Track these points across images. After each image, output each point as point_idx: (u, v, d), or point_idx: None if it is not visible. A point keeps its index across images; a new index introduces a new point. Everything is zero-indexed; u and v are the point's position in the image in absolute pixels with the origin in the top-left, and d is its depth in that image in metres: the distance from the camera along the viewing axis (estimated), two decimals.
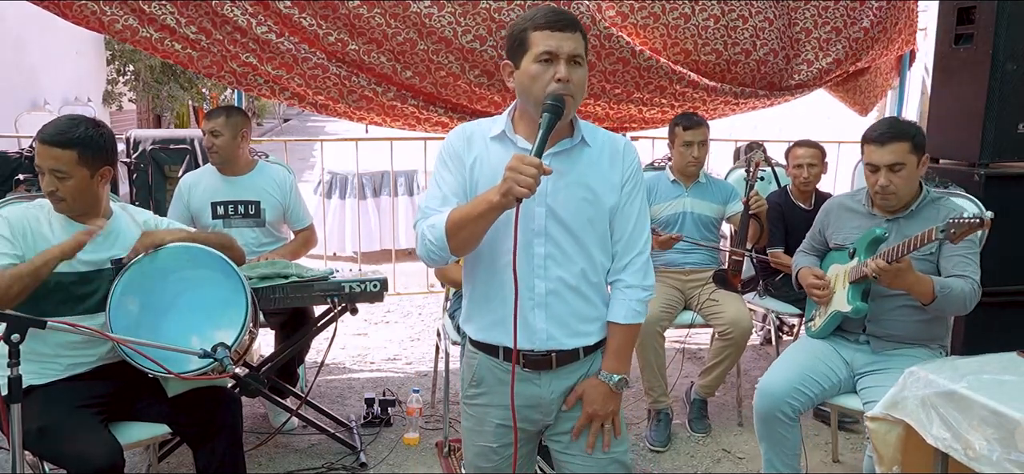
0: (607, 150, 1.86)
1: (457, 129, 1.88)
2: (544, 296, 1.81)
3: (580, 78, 1.76)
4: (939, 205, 2.64)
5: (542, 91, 1.72)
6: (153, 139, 4.47)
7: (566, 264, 1.82)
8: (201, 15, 3.66)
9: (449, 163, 1.85)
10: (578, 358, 1.88)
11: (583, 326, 1.86)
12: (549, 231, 1.80)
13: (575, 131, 1.84)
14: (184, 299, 2.38)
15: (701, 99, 4.30)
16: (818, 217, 2.95)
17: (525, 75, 1.76)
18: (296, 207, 3.60)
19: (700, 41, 4.10)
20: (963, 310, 2.52)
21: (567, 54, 1.73)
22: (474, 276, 1.89)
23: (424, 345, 4.73)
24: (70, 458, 2.14)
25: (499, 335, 1.85)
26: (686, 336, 4.07)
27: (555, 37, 1.73)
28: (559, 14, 1.76)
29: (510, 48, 1.80)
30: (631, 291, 1.88)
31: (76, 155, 2.26)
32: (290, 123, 24.27)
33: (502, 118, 1.87)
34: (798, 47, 4.27)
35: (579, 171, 1.82)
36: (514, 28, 1.80)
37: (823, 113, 6.53)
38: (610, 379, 1.88)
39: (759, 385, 2.67)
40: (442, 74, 3.95)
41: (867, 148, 2.62)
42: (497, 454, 1.94)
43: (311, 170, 9.47)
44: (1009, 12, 3.32)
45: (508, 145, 1.83)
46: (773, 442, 2.63)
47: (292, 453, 3.29)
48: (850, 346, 2.72)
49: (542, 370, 1.86)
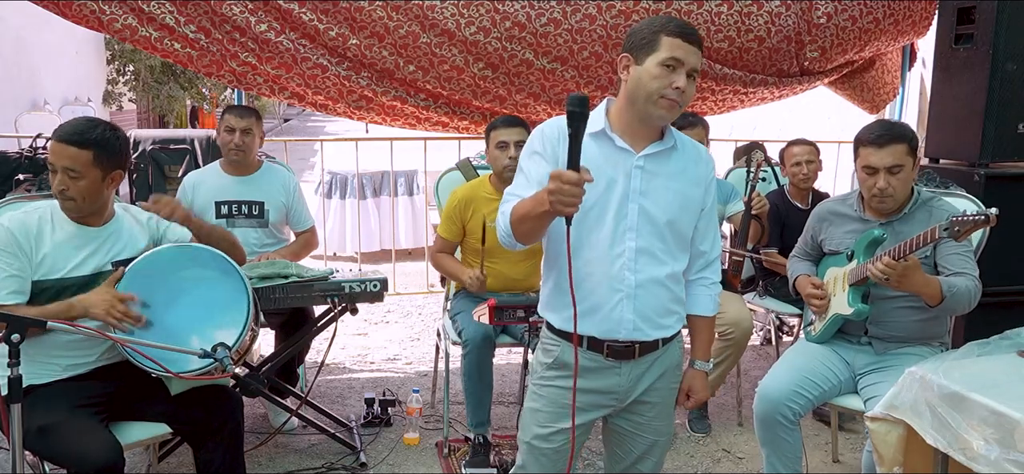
0: (693, 154, 1.99)
1: (552, 121, 1.92)
2: (633, 289, 1.89)
3: (691, 93, 1.86)
4: (932, 206, 2.62)
5: (657, 91, 1.81)
6: (153, 139, 4.47)
7: (655, 260, 1.91)
8: (200, 14, 3.66)
9: (543, 152, 1.88)
10: (656, 348, 1.98)
11: (665, 319, 1.96)
12: (640, 228, 1.88)
13: (667, 135, 1.93)
14: (185, 298, 2.37)
15: (709, 89, 4.28)
16: (810, 222, 2.91)
17: (646, 73, 1.82)
18: (299, 209, 3.60)
19: (712, 28, 4.08)
20: (968, 308, 2.51)
21: (690, 67, 1.82)
22: (558, 265, 1.92)
23: (424, 345, 4.73)
24: (70, 458, 2.14)
25: (585, 326, 1.89)
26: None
27: (684, 48, 1.81)
28: (690, 27, 1.85)
29: (633, 45, 1.86)
30: (714, 287, 2.09)
31: (92, 156, 2.27)
32: (290, 123, 24.26)
33: (598, 114, 1.91)
34: (816, 33, 4.24)
35: (669, 172, 1.92)
36: (645, 27, 1.86)
37: (824, 113, 6.54)
38: (706, 368, 2.11)
39: (759, 389, 2.65)
40: (446, 67, 3.93)
41: (864, 151, 2.57)
42: (565, 435, 1.97)
43: (311, 170, 9.48)
44: (1009, 12, 3.32)
45: (605, 142, 1.90)
46: (775, 446, 2.62)
47: (292, 453, 3.29)
48: (851, 347, 2.71)
49: (624, 360, 1.94)
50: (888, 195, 2.55)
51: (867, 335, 2.68)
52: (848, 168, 5.01)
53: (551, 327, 2.00)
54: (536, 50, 3.93)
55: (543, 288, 2.03)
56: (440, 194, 3.64)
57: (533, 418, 2.02)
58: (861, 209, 2.71)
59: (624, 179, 1.88)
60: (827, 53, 4.30)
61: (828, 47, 4.28)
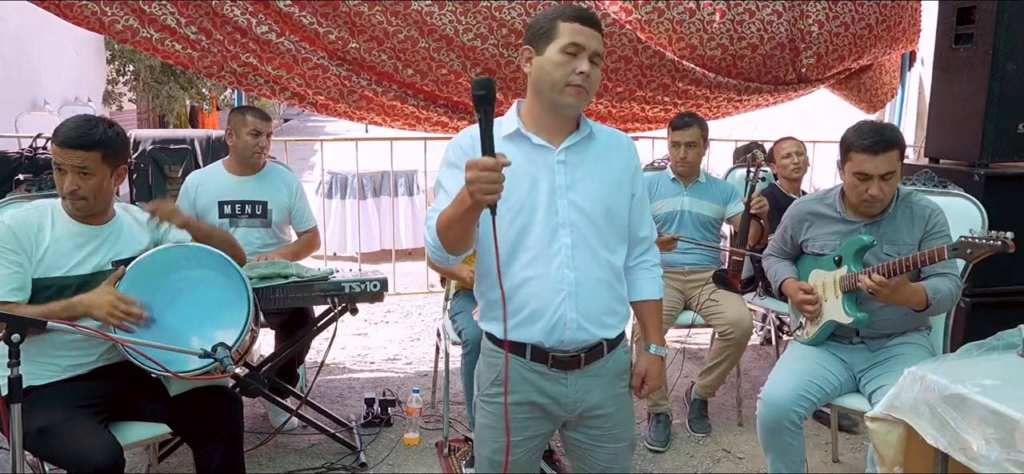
0: (613, 142, 1.95)
1: (465, 131, 1.89)
2: (574, 287, 1.83)
3: (596, 77, 1.83)
4: (912, 204, 2.61)
5: (562, 80, 1.78)
6: (153, 139, 4.47)
7: (593, 254, 1.86)
8: (201, 15, 3.66)
9: (458, 163, 1.80)
10: (602, 355, 1.92)
11: (609, 318, 1.91)
12: (574, 222, 1.84)
13: (582, 125, 1.90)
14: (185, 298, 2.37)
15: (704, 96, 4.29)
16: (786, 220, 2.87)
17: (548, 62, 1.80)
18: (301, 209, 3.60)
19: (705, 36, 4.10)
20: (951, 307, 2.58)
21: (591, 51, 1.79)
22: (492, 275, 1.87)
23: (424, 345, 4.73)
24: (70, 459, 2.14)
25: (528, 332, 1.86)
26: (686, 336, 4.07)
27: (583, 32, 1.79)
28: (588, 12, 1.83)
29: (533, 36, 1.84)
30: (655, 269, 2.04)
31: (100, 155, 2.29)
32: (290, 123, 24.25)
33: (510, 116, 1.89)
34: (810, 40, 4.25)
35: (592, 163, 1.88)
36: (541, 17, 1.84)
37: (824, 113, 6.53)
38: (661, 352, 2.04)
39: (763, 396, 2.62)
40: (443, 72, 3.95)
41: (857, 157, 2.51)
42: (520, 448, 1.95)
43: (311, 170, 9.47)
44: (1009, 12, 3.32)
45: (522, 142, 1.86)
46: (779, 451, 2.60)
47: (292, 453, 3.29)
48: (846, 348, 2.71)
49: (570, 370, 1.90)
50: (879, 200, 2.53)
51: (858, 336, 2.69)
52: None
53: (493, 338, 1.93)
54: None
55: (479, 300, 1.97)
56: None
57: (486, 434, 1.98)
58: (843, 209, 2.68)
59: (548, 176, 1.84)
60: (823, 59, 4.31)
61: (824, 53, 4.30)
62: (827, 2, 4.21)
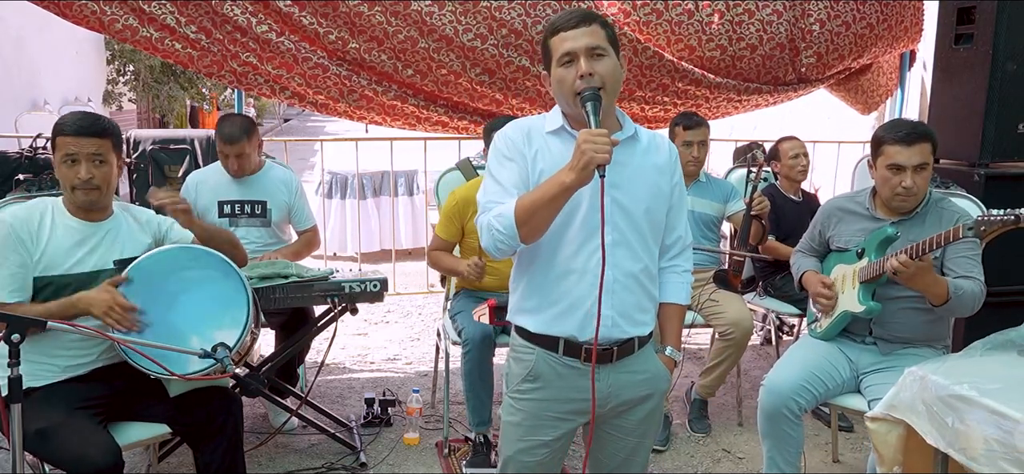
0: (656, 143, 1.96)
1: (513, 124, 1.92)
2: (611, 283, 1.84)
3: (606, 67, 1.80)
4: (942, 208, 2.63)
5: (570, 91, 1.79)
6: (153, 139, 4.47)
7: (631, 252, 1.88)
8: (201, 15, 3.66)
9: (510, 155, 1.87)
10: (633, 350, 1.93)
11: (641, 316, 1.93)
12: (615, 219, 1.84)
13: (626, 125, 1.92)
14: (185, 299, 2.37)
15: (704, 97, 4.29)
16: (817, 218, 2.92)
17: (555, 80, 1.83)
18: (301, 208, 3.60)
19: (704, 37, 4.09)
20: (971, 311, 2.52)
21: (584, 49, 1.78)
22: (533, 267, 1.89)
23: (424, 345, 4.73)
24: (69, 460, 2.13)
25: (563, 326, 1.87)
26: (686, 336, 4.06)
27: (570, 37, 1.79)
28: (571, 13, 1.84)
29: (544, 60, 1.88)
30: (686, 274, 2.06)
31: (111, 142, 2.36)
32: (290, 123, 24.26)
33: (555, 115, 1.91)
34: (810, 40, 4.24)
35: (636, 163, 1.90)
36: (542, 41, 1.88)
37: (824, 113, 6.53)
38: (676, 356, 2.04)
39: (766, 381, 2.65)
40: (443, 73, 3.95)
41: (890, 149, 2.55)
42: (548, 447, 1.95)
43: (311, 170, 9.47)
44: (1009, 12, 3.32)
45: (567, 138, 1.87)
46: (777, 439, 2.63)
47: (292, 453, 3.29)
48: (856, 346, 2.72)
49: (602, 364, 1.90)
50: (913, 193, 2.54)
51: (871, 335, 2.69)
52: (848, 168, 5.01)
53: (525, 333, 1.94)
54: (532, 57, 3.95)
55: (513, 294, 1.98)
56: (440, 194, 3.64)
57: (514, 432, 1.97)
58: (873, 207, 2.70)
59: None
60: (824, 58, 4.31)
61: (824, 53, 4.29)
62: (829, 1, 4.21)
